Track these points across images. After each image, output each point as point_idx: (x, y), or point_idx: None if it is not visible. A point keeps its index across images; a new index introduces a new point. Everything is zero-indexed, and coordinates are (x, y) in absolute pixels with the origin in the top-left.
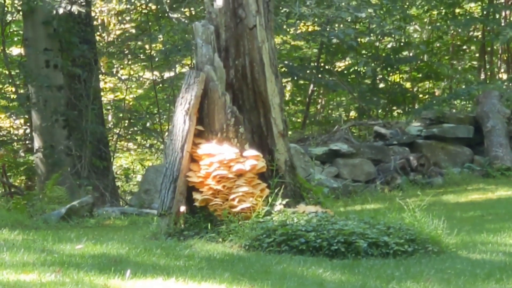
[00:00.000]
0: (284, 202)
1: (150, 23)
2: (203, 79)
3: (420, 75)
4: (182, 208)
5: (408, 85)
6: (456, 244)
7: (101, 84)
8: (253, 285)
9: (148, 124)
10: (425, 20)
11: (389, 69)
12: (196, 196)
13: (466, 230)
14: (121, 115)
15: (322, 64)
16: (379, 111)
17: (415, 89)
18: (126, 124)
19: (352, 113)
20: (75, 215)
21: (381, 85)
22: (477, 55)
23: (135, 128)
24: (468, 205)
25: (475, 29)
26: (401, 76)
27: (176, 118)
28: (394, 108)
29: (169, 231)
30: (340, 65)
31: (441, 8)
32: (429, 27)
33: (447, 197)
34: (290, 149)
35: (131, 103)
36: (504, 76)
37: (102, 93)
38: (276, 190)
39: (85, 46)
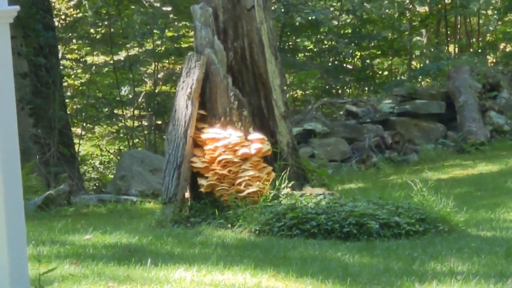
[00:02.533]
0: (290, 185)
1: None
2: (204, 63)
3: (380, 52)
4: (186, 195)
5: (369, 62)
6: (464, 222)
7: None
8: (278, 271)
9: (106, 109)
10: None
11: (355, 46)
12: (201, 181)
13: (461, 207)
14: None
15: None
16: (345, 88)
17: (380, 66)
18: (79, 104)
19: (313, 92)
20: (52, 204)
21: (348, 64)
22: (423, 31)
23: (95, 117)
24: (452, 182)
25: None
26: (363, 53)
27: (178, 103)
28: (355, 85)
29: (175, 219)
30: (303, 43)
31: None
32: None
33: (427, 174)
34: (292, 131)
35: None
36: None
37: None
38: (281, 173)
39: (51, 32)
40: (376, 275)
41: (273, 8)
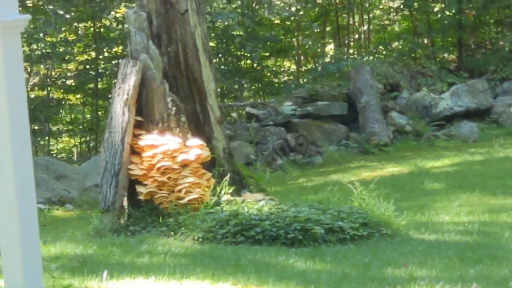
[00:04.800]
0: (229, 191)
1: None
2: (140, 68)
3: (268, 54)
4: (124, 203)
5: (260, 64)
6: (404, 226)
7: None
8: (238, 280)
9: None
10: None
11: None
12: (140, 189)
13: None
14: None
15: None
16: (241, 91)
17: (276, 69)
18: None
19: None
20: None
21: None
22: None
23: None
24: (364, 184)
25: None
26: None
27: (114, 110)
28: (253, 87)
29: (114, 227)
30: None
31: None
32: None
33: (336, 176)
34: (227, 136)
35: None
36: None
37: None
38: (222, 180)
39: None
40: (336, 282)
41: None
